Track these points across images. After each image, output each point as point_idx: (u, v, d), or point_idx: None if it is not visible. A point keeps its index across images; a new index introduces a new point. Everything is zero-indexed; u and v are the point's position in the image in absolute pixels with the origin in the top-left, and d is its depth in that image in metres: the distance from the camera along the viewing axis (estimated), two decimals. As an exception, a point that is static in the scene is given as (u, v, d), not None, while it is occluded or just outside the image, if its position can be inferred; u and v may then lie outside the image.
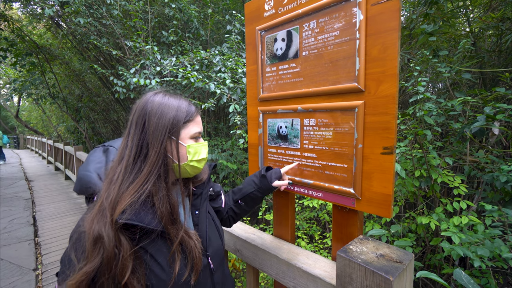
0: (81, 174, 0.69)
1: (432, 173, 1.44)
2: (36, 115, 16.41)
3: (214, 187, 0.91)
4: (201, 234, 0.73)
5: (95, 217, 0.56)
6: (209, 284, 0.73)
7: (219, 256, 0.78)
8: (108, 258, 0.53)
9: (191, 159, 0.69)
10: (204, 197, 0.78)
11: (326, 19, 0.82)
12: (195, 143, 0.71)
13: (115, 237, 0.55)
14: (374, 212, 0.77)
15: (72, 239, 0.59)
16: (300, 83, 0.91)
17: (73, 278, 0.52)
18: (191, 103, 0.75)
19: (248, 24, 1.08)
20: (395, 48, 0.69)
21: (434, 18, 1.79)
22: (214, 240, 0.77)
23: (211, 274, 0.74)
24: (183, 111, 0.69)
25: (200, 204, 0.77)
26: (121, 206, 0.56)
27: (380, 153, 0.73)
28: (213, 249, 0.75)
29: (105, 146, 0.76)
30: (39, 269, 2.65)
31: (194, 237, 0.67)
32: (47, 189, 5.83)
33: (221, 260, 0.80)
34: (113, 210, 0.56)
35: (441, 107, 1.57)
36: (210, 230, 0.77)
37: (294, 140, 0.95)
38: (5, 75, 10.41)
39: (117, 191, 0.59)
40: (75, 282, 0.52)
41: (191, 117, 0.70)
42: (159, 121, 0.65)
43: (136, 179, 0.61)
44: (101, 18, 3.31)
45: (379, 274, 0.61)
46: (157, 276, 0.59)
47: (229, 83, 1.99)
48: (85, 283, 0.52)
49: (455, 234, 1.12)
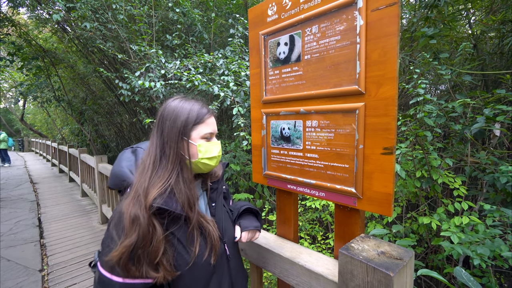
0: (116, 171, 0.80)
1: (433, 173, 1.45)
2: (40, 118, 16.60)
3: (226, 187, 1.00)
4: (218, 223, 0.82)
5: (131, 201, 0.68)
6: (226, 269, 0.82)
7: (234, 245, 0.87)
8: (144, 235, 0.64)
9: (202, 156, 0.77)
10: (219, 192, 0.88)
11: (327, 24, 0.85)
12: (206, 143, 0.78)
13: (149, 219, 0.66)
14: (375, 211, 0.79)
15: (112, 221, 0.69)
16: (303, 85, 0.94)
17: (116, 250, 0.63)
18: (204, 106, 0.82)
19: (251, 29, 1.12)
20: (394, 52, 0.72)
21: (435, 21, 1.81)
22: (229, 229, 0.86)
23: (227, 261, 0.83)
24: (193, 114, 0.77)
25: (216, 197, 0.87)
26: (152, 195, 0.68)
27: (381, 153, 0.76)
28: (228, 237, 0.85)
29: (133, 148, 0.87)
30: (45, 270, 2.69)
31: (211, 223, 0.77)
32: (52, 191, 5.90)
33: (236, 250, 0.89)
34: (146, 197, 0.68)
35: (441, 109, 1.59)
36: (226, 221, 0.86)
37: (297, 141, 0.97)
38: (11, 78, 10.58)
39: (148, 182, 0.70)
40: (118, 253, 0.63)
41: (201, 120, 0.78)
42: (173, 124, 0.75)
43: (161, 173, 0.72)
44: (106, 23, 3.38)
45: (380, 270, 0.63)
46: (183, 257, 0.70)
47: (232, 86, 2.03)
48: (126, 254, 0.63)
49: (454, 234, 1.14)
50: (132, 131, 7.41)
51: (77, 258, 2.89)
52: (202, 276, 0.74)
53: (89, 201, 5.03)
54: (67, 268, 2.70)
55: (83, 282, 2.45)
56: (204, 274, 0.75)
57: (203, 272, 0.74)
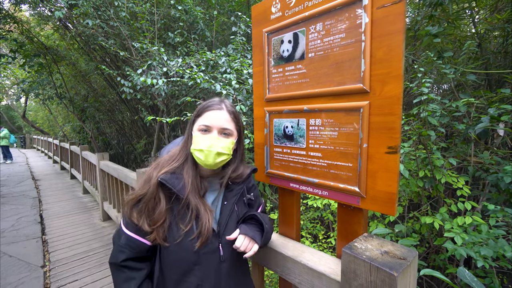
0: (161, 150, 0.99)
1: (436, 173, 1.44)
2: (42, 115, 16.64)
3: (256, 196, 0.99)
4: (221, 221, 0.86)
5: (154, 167, 0.86)
6: (213, 268, 0.82)
7: (232, 249, 0.84)
8: (150, 194, 0.80)
9: (193, 147, 0.83)
10: (235, 193, 0.90)
11: (332, 22, 0.84)
12: (199, 134, 0.83)
13: (156, 185, 0.80)
14: (378, 210, 0.78)
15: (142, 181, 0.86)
16: (306, 84, 0.93)
17: (129, 195, 0.84)
18: (215, 102, 0.87)
19: (255, 26, 1.11)
20: (400, 50, 0.71)
21: (439, 20, 1.79)
22: (231, 231, 0.85)
23: (218, 261, 0.83)
24: (199, 108, 0.87)
25: (230, 197, 0.89)
26: (164, 169, 0.83)
27: (385, 152, 0.75)
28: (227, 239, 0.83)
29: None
30: (46, 266, 2.70)
31: (209, 213, 0.81)
32: (54, 188, 5.92)
33: (235, 255, 0.86)
34: (161, 170, 0.83)
35: (445, 108, 1.58)
36: (230, 222, 0.87)
37: (300, 140, 0.97)
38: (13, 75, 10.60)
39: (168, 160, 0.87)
40: (130, 198, 0.83)
41: (201, 113, 0.85)
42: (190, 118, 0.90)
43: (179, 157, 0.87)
44: (108, 20, 3.37)
45: (383, 270, 0.63)
46: (173, 232, 0.80)
47: (234, 84, 2.02)
48: (133, 200, 0.82)
49: (458, 235, 1.13)
50: (134, 128, 7.41)
51: (78, 255, 2.90)
52: (185, 258, 0.80)
53: (90, 198, 5.05)
54: (68, 264, 2.71)
55: (85, 278, 2.46)
56: (187, 257, 0.80)
57: (186, 255, 0.79)
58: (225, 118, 0.84)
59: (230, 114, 0.86)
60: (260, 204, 1.02)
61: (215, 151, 0.80)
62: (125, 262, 0.82)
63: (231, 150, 0.85)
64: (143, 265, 0.85)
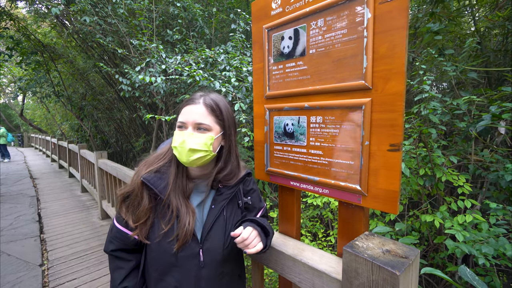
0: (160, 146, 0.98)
1: (436, 171, 1.44)
2: (40, 114, 16.52)
3: (254, 200, 0.96)
4: (204, 226, 0.82)
5: (143, 164, 0.86)
6: (193, 273, 0.80)
7: (215, 256, 0.82)
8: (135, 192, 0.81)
9: (172, 145, 0.81)
10: (225, 197, 0.86)
11: (333, 18, 0.83)
12: (175, 131, 0.81)
13: (142, 184, 0.81)
14: (380, 208, 0.78)
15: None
16: (307, 80, 0.92)
17: (120, 190, 0.85)
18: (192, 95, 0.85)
19: (254, 23, 1.09)
20: (403, 46, 0.70)
21: (440, 17, 1.78)
22: (214, 237, 0.82)
23: (198, 267, 0.80)
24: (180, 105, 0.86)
25: (218, 201, 0.85)
26: (148, 169, 0.83)
27: (387, 150, 0.74)
28: (209, 245, 0.81)
29: None
30: (45, 265, 2.69)
31: (191, 215, 0.80)
32: (52, 187, 5.89)
33: (217, 262, 0.82)
34: (147, 168, 0.84)
35: (446, 106, 1.57)
36: (216, 228, 0.83)
37: (301, 138, 0.96)
38: (10, 73, 10.51)
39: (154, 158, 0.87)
40: (120, 193, 0.85)
41: (180, 109, 0.83)
42: None
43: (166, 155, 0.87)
44: (106, 17, 3.34)
45: (385, 268, 0.62)
46: (154, 230, 0.80)
47: (234, 81, 2.00)
48: (122, 196, 0.84)
49: (459, 232, 1.13)
50: (132, 127, 7.37)
51: (77, 254, 2.89)
52: (163, 259, 0.79)
53: (89, 197, 5.03)
54: (67, 263, 2.70)
55: (83, 277, 2.45)
56: (165, 258, 0.79)
57: (165, 255, 0.79)
58: (200, 112, 0.78)
59: (206, 107, 0.79)
60: (261, 208, 0.99)
61: (187, 148, 0.76)
62: (114, 252, 0.86)
63: (209, 146, 0.79)
64: (131, 257, 0.87)
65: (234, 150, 0.89)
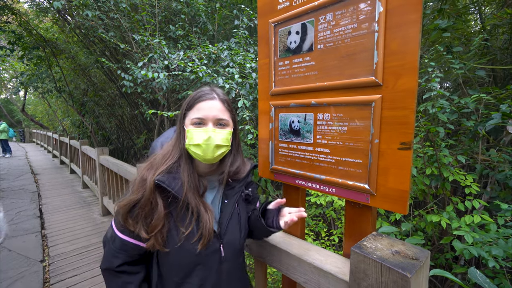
0: (153, 144, 0.95)
1: (443, 171, 1.41)
2: (41, 109, 16.53)
3: (253, 192, 0.95)
4: (221, 220, 0.81)
5: (146, 167, 0.78)
6: (215, 269, 0.79)
7: (234, 249, 0.82)
8: (146, 198, 0.73)
9: (188, 143, 0.77)
10: (236, 191, 0.85)
11: (343, 12, 0.80)
12: (193, 129, 0.77)
13: (153, 188, 0.73)
14: (389, 208, 0.76)
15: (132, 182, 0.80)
16: (315, 77, 0.90)
17: (122, 201, 0.75)
18: (206, 91, 0.81)
19: (260, 17, 1.07)
20: (416, 41, 0.67)
21: (448, 14, 1.74)
22: (232, 231, 0.82)
23: (219, 262, 0.79)
24: (189, 100, 0.81)
25: (230, 195, 0.85)
26: (160, 170, 0.76)
27: (397, 148, 0.72)
28: (228, 239, 0.81)
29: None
30: (46, 261, 2.69)
31: (209, 213, 0.77)
32: (53, 183, 5.90)
33: (235, 255, 0.83)
34: (156, 170, 0.76)
35: (453, 104, 1.54)
36: (232, 221, 0.83)
37: (307, 135, 0.93)
38: (11, 68, 10.49)
39: (161, 158, 0.80)
40: (122, 204, 0.74)
41: (192, 105, 0.79)
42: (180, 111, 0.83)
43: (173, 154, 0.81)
44: (108, 12, 3.31)
45: (395, 270, 0.60)
46: (173, 236, 0.75)
47: (237, 78, 1.98)
48: (127, 206, 0.74)
49: (468, 234, 1.11)
50: (133, 123, 7.36)
51: (77, 250, 2.89)
52: (186, 261, 0.76)
53: (90, 193, 5.03)
54: (68, 259, 2.70)
55: (84, 273, 2.45)
56: (189, 259, 0.76)
57: (188, 257, 0.76)
58: (219, 108, 0.78)
59: (223, 103, 0.80)
60: (257, 199, 1.01)
61: (213, 144, 0.75)
62: (121, 267, 0.78)
63: (229, 141, 0.80)
64: (139, 268, 0.81)
65: (239, 143, 0.91)
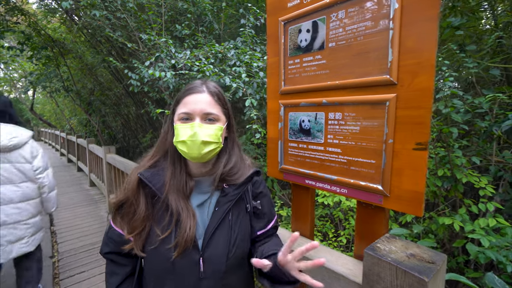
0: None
1: (456, 172, 1.38)
2: (49, 108, 16.80)
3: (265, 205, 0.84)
4: (206, 231, 0.72)
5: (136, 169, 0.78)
6: (191, 285, 0.70)
7: (217, 267, 0.71)
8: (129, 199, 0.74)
9: (175, 140, 0.73)
10: (230, 198, 0.75)
11: (356, 9, 0.79)
12: (179, 124, 0.72)
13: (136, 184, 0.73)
14: (403, 210, 0.74)
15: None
16: (326, 75, 0.88)
17: (113, 199, 0.78)
18: (190, 84, 0.78)
19: (270, 15, 1.05)
20: (433, 38, 0.65)
21: (461, 11, 1.70)
22: (216, 246, 0.71)
23: (197, 278, 0.70)
24: (179, 94, 0.77)
25: (222, 203, 0.75)
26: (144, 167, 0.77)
27: (413, 148, 0.70)
28: (210, 253, 0.71)
29: None
30: (55, 257, 2.73)
31: (192, 219, 0.71)
32: (61, 180, 5.99)
33: (219, 273, 0.71)
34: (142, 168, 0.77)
35: (467, 104, 1.50)
36: (219, 233, 0.72)
37: (318, 135, 0.92)
38: (21, 68, 10.68)
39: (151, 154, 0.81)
40: (113, 202, 0.77)
41: (180, 99, 0.75)
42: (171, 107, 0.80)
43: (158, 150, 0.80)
44: (115, 11, 3.33)
45: (412, 274, 0.59)
46: (151, 238, 0.72)
47: (244, 77, 1.97)
48: (116, 204, 0.76)
49: (484, 237, 1.07)
50: (139, 122, 7.42)
51: (86, 246, 2.93)
52: (160, 267, 0.71)
53: (97, 191, 5.10)
54: (76, 255, 2.74)
55: (92, 270, 2.48)
56: (162, 265, 0.70)
57: (162, 262, 0.70)
58: (207, 101, 0.72)
59: (213, 96, 0.74)
60: (272, 218, 0.86)
61: (199, 141, 0.69)
62: (108, 255, 0.80)
63: (219, 137, 0.73)
64: (126, 261, 0.80)
65: (237, 141, 0.84)
